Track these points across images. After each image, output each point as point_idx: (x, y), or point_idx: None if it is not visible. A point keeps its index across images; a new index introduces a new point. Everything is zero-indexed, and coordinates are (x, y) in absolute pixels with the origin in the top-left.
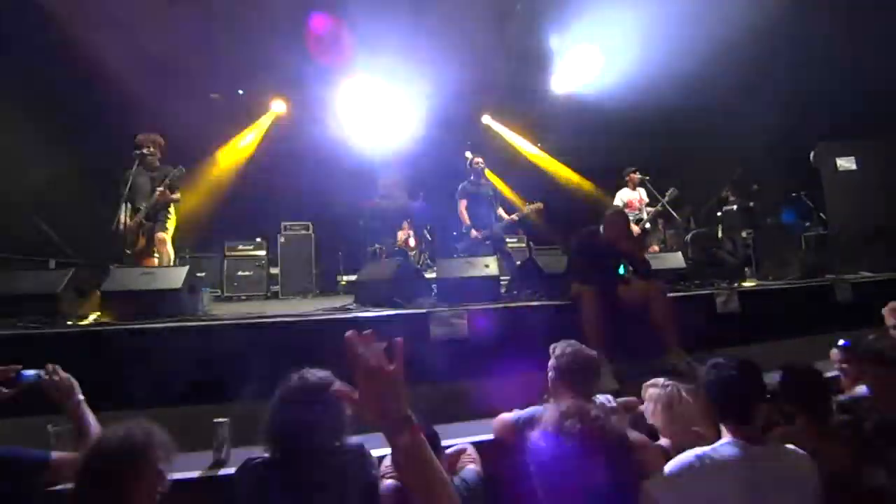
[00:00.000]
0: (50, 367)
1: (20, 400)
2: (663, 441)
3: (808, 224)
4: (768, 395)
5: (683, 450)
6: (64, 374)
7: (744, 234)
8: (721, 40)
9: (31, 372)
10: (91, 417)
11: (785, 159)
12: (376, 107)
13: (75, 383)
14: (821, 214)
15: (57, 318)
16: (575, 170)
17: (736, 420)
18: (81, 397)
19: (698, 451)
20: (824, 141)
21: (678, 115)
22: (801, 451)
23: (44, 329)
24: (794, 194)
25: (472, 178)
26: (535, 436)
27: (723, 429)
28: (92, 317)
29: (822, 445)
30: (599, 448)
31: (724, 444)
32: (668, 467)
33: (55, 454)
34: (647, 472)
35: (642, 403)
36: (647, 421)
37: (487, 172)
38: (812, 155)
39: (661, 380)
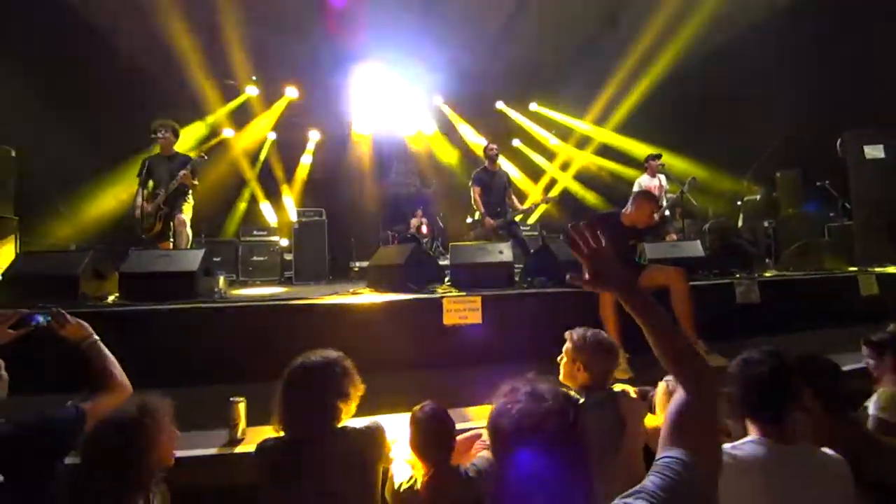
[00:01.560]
0: (54, 310)
1: (27, 340)
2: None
3: (832, 214)
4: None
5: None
6: (72, 318)
7: (765, 223)
8: (746, 22)
9: (39, 316)
10: (109, 355)
11: (809, 147)
12: (389, 93)
13: (86, 325)
14: (846, 204)
15: (78, 298)
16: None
17: (765, 420)
18: (96, 337)
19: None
20: (851, 128)
21: (700, 98)
22: (835, 454)
23: (63, 309)
24: (818, 183)
25: (486, 165)
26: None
27: (749, 425)
28: (111, 298)
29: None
30: (536, 431)
31: (749, 443)
32: None
33: (86, 406)
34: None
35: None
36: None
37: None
38: (839, 143)
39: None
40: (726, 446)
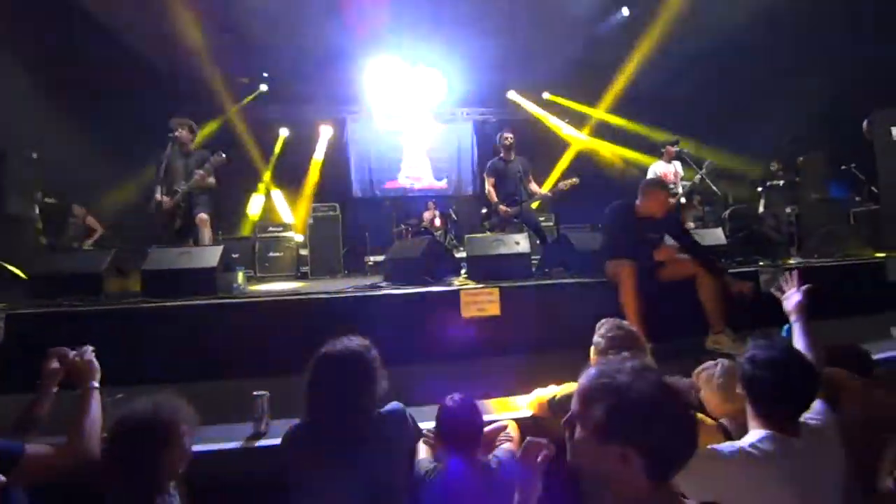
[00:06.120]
0: (85, 349)
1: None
2: (725, 421)
3: (858, 199)
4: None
5: (745, 429)
6: (88, 358)
7: (787, 209)
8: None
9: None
10: (96, 407)
11: (834, 129)
12: (400, 85)
13: (96, 370)
14: (872, 188)
15: (101, 296)
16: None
17: (774, 419)
18: (97, 385)
19: (736, 444)
20: (879, 109)
21: (720, 81)
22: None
23: (88, 307)
24: (843, 167)
25: (500, 154)
26: None
27: (752, 415)
28: None
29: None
30: None
31: (762, 439)
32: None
33: (30, 448)
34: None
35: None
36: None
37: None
38: (865, 124)
39: (710, 363)
40: (743, 443)
